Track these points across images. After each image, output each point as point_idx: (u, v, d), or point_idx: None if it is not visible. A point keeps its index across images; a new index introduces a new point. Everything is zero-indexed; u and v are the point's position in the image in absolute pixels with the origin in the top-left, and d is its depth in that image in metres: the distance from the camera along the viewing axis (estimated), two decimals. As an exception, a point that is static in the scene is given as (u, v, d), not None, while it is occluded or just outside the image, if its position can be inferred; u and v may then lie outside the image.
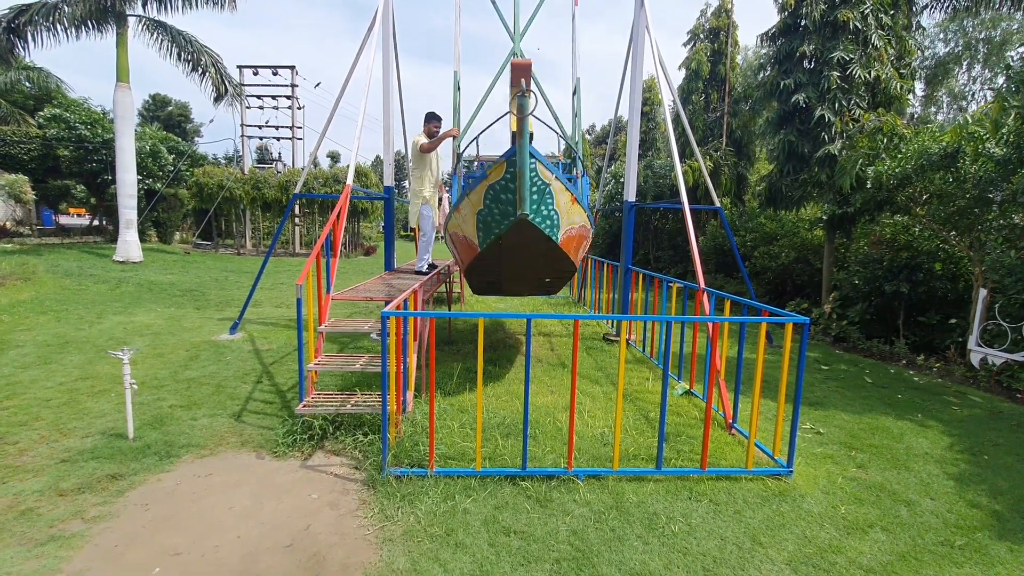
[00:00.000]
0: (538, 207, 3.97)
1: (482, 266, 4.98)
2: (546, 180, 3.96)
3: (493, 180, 3.97)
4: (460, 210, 4.63)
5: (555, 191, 4.06)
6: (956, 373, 6.34)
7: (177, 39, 14.49)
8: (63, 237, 19.08)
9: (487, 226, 4.27)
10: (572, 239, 4.62)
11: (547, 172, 3.95)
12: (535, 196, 3.90)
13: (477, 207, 4.24)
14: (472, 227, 4.47)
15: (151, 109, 39.42)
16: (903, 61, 9.27)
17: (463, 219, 4.61)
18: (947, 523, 3.18)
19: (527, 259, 4.74)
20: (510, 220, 3.96)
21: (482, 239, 4.40)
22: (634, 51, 7.51)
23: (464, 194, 4.48)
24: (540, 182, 3.91)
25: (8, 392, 4.84)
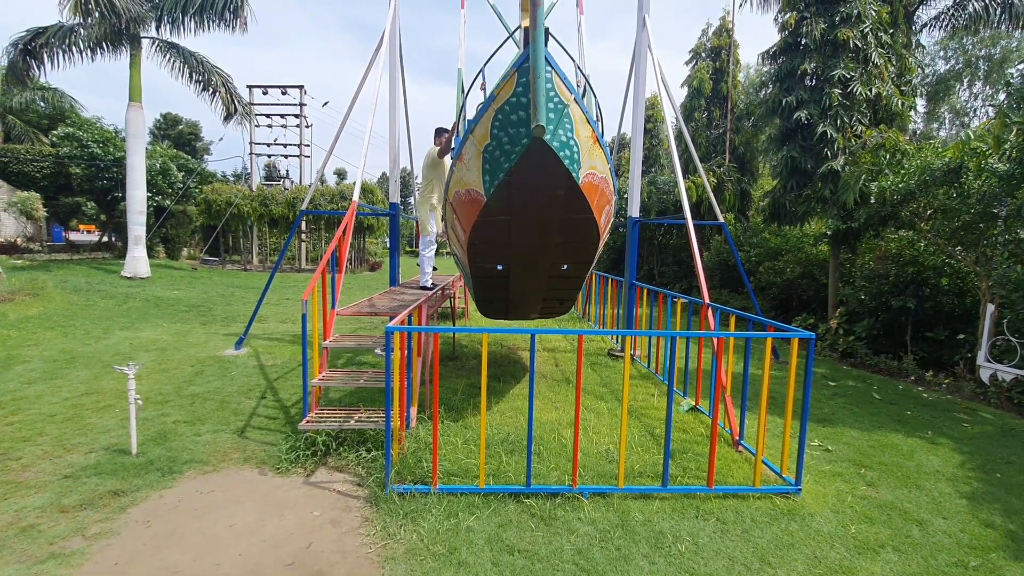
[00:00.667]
0: (555, 128, 3.32)
1: (488, 231, 4.05)
2: (564, 99, 3.33)
3: (502, 100, 3.33)
4: (463, 157, 3.89)
5: (574, 117, 3.42)
6: (966, 389, 6.26)
7: (189, 60, 14.82)
8: (72, 253, 19.30)
9: (495, 163, 3.55)
10: (595, 188, 3.79)
11: (565, 90, 3.32)
12: (552, 114, 3.27)
13: (484, 142, 3.56)
14: (477, 171, 3.70)
15: (162, 128, 40.11)
16: (904, 78, 9.36)
17: (466, 167, 3.86)
18: (960, 543, 3.11)
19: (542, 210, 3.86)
20: (523, 144, 3.33)
21: (489, 183, 3.64)
22: (637, 69, 7.61)
23: (466, 134, 3.79)
24: (557, 99, 3.28)
25: (13, 407, 4.86)
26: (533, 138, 3.18)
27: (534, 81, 2.89)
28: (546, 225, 4.00)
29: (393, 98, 7.65)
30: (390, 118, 7.64)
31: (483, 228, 3.99)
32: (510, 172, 3.48)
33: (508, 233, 4.03)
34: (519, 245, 4.22)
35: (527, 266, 4.58)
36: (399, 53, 7.74)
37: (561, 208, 3.80)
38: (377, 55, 7.01)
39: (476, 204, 3.84)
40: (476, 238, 4.15)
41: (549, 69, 3.16)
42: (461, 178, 3.99)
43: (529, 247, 4.28)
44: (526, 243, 4.21)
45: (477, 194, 3.79)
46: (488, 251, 4.36)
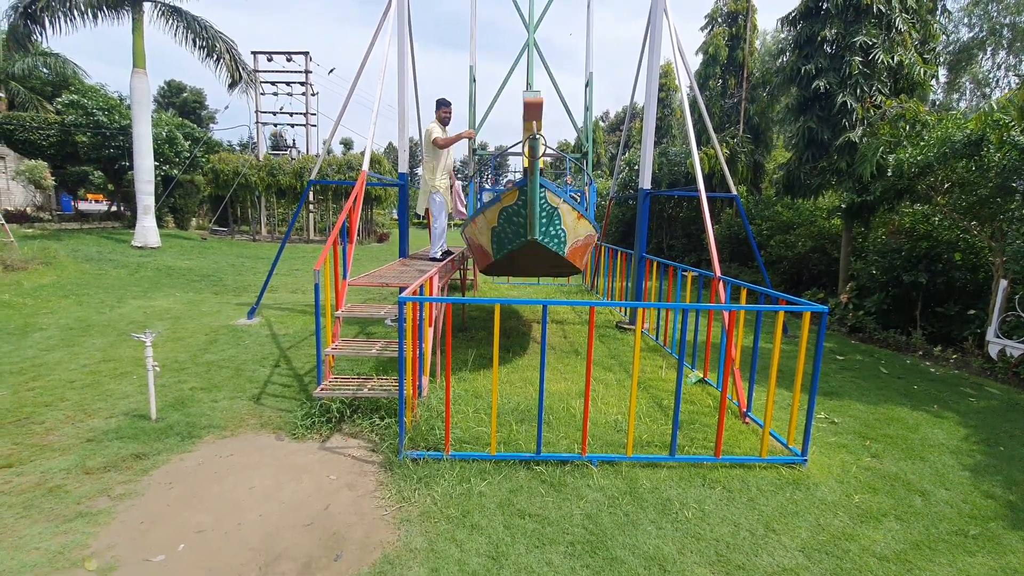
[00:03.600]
0: (546, 229, 4.43)
1: (495, 268, 5.69)
2: (554, 205, 4.40)
3: (506, 204, 4.46)
4: (476, 223, 5.16)
5: (562, 213, 4.51)
6: (973, 364, 6.26)
7: (192, 25, 14.53)
8: (82, 223, 19.40)
9: (500, 241, 4.78)
10: (578, 249, 5.14)
11: (555, 197, 4.39)
12: (544, 220, 4.35)
13: (492, 224, 4.75)
14: (487, 239, 5.00)
15: (167, 95, 39.69)
16: (927, 46, 9.02)
17: (479, 231, 5.15)
18: (961, 513, 3.17)
19: (536, 265, 5.52)
20: (521, 240, 4.46)
21: (496, 250, 4.94)
22: (651, 35, 7.38)
23: (481, 210, 4.98)
24: (548, 207, 4.35)
25: (34, 374, 4.98)
26: (529, 240, 4.33)
27: (530, 208, 4.05)
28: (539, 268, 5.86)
29: (401, 65, 7.49)
30: (398, 86, 7.50)
31: (491, 266, 5.50)
32: (511, 251, 4.71)
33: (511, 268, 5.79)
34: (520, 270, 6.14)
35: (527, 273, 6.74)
36: (407, 18, 7.54)
37: (552, 266, 5.47)
38: (385, 21, 6.83)
39: (486, 256, 5.26)
40: (484, 269, 5.85)
41: (543, 190, 4.17)
42: (476, 234, 5.34)
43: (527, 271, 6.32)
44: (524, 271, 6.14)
45: (487, 251, 5.14)
46: (495, 271, 5.96)
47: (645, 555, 2.68)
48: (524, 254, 4.76)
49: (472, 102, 8.21)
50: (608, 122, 45.80)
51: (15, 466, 3.35)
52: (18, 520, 2.82)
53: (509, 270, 6.09)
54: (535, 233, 4.16)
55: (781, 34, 13.42)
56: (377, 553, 2.65)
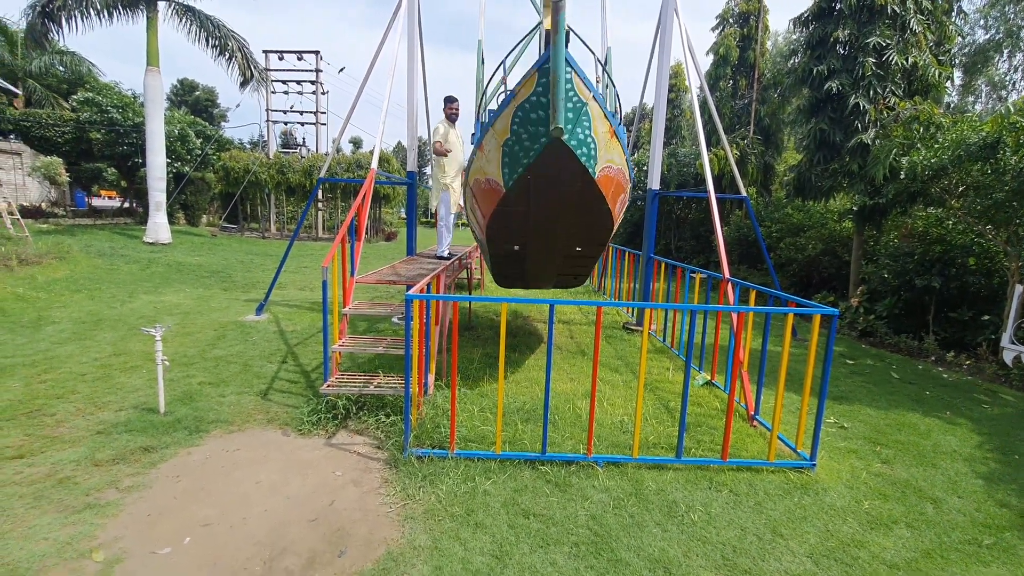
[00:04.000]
0: (574, 127, 3.40)
1: (507, 219, 4.28)
2: (583, 98, 3.39)
3: (522, 98, 3.42)
4: (483, 147, 4.03)
5: (592, 114, 3.49)
6: (987, 371, 6.16)
7: (205, 24, 14.66)
8: (95, 218, 19.62)
9: (514, 157, 3.69)
10: (611, 180, 3.95)
11: (584, 89, 3.37)
12: (570, 113, 3.34)
13: (503, 136, 3.67)
14: (497, 164, 3.85)
15: (179, 94, 40.05)
16: (942, 47, 8.91)
17: (486, 158, 4.02)
18: (975, 522, 3.12)
19: (559, 202, 4.04)
20: (541, 143, 3.45)
21: (508, 175, 3.80)
22: (662, 35, 7.35)
23: (488, 124, 3.89)
24: (576, 98, 3.35)
25: (46, 366, 5.04)
26: (552, 138, 3.30)
27: (554, 84, 2.99)
28: (562, 215, 4.21)
29: (411, 65, 7.51)
30: (408, 85, 7.52)
31: (501, 216, 4.22)
32: (529, 168, 3.62)
33: (525, 220, 4.27)
34: (536, 230, 4.48)
35: (543, 247, 4.85)
36: (418, 18, 7.56)
37: (577, 200, 3.98)
38: (395, 20, 6.85)
39: (495, 193, 4.05)
40: (494, 224, 4.41)
41: (569, 70, 3.20)
42: (481, 167, 4.18)
43: (545, 232, 4.54)
44: (542, 229, 4.48)
45: (496, 184, 3.97)
46: (506, 235, 4.61)
47: (650, 557, 2.66)
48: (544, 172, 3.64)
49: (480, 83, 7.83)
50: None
51: (26, 457, 3.39)
52: (28, 510, 2.85)
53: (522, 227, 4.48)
54: (560, 120, 3.08)
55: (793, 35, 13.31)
56: (381, 550, 2.65)
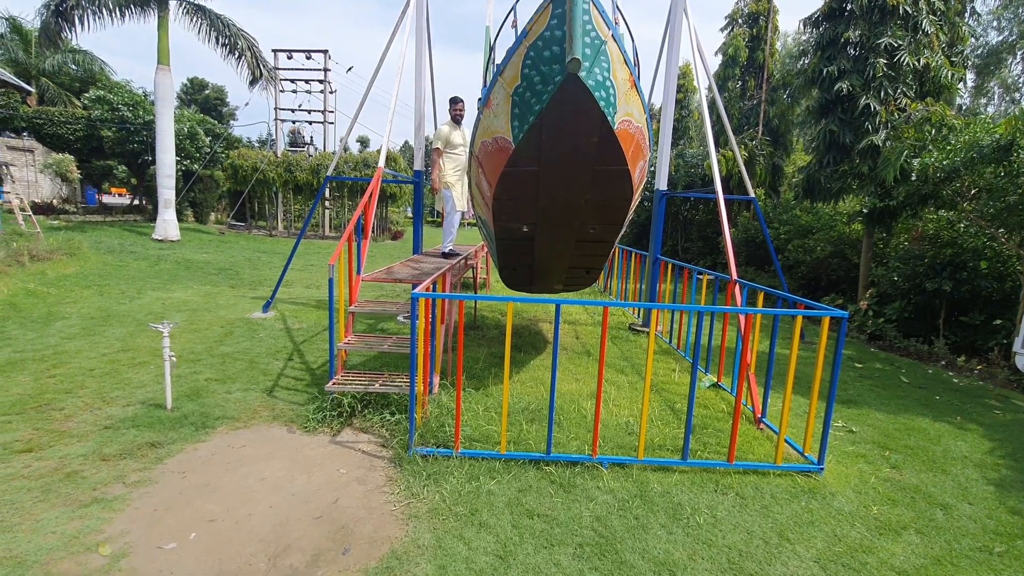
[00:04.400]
0: (592, 64, 2.99)
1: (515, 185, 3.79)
2: (602, 35, 3.00)
3: (535, 35, 3.08)
4: (490, 103, 3.64)
5: (612, 55, 3.10)
6: (999, 376, 6.08)
7: (215, 23, 14.77)
8: (105, 215, 19.81)
9: (525, 105, 3.27)
10: (630, 137, 3.50)
11: (604, 25, 3.00)
12: (588, 48, 2.92)
13: (513, 84, 3.29)
14: (506, 116, 3.43)
15: (189, 92, 40.37)
16: (955, 48, 8.81)
17: (493, 114, 3.61)
18: (986, 529, 3.07)
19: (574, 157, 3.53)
20: (556, 82, 3.04)
21: (518, 128, 3.36)
22: (670, 35, 7.31)
23: (495, 77, 3.53)
24: (595, 33, 2.94)
25: (55, 361, 5.08)
26: (567, 75, 2.91)
27: (571, 9, 2.71)
28: (577, 176, 3.67)
29: (419, 64, 7.52)
30: (416, 85, 7.53)
31: (510, 179, 3.70)
32: (541, 114, 3.19)
33: (536, 186, 3.76)
34: (547, 200, 3.90)
35: (554, 226, 4.27)
36: (426, 18, 7.57)
37: (594, 156, 3.47)
38: (403, 20, 6.86)
39: (504, 152, 3.57)
40: (502, 192, 3.86)
41: (587, 3, 2.86)
42: (488, 126, 3.74)
43: (558, 202, 3.94)
44: (555, 197, 3.89)
45: (505, 141, 3.53)
46: (514, 208, 4.07)
47: (655, 560, 2.64)
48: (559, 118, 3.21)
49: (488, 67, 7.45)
50: (625, 123, 45.46)
51: (35, 451, 3.41)
52: (36, 504, 2.87)
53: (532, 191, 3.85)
54: (576, 51, 2.74)
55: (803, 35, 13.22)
56: (385, 548, 2.65)
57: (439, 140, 6.47)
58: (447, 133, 6.50)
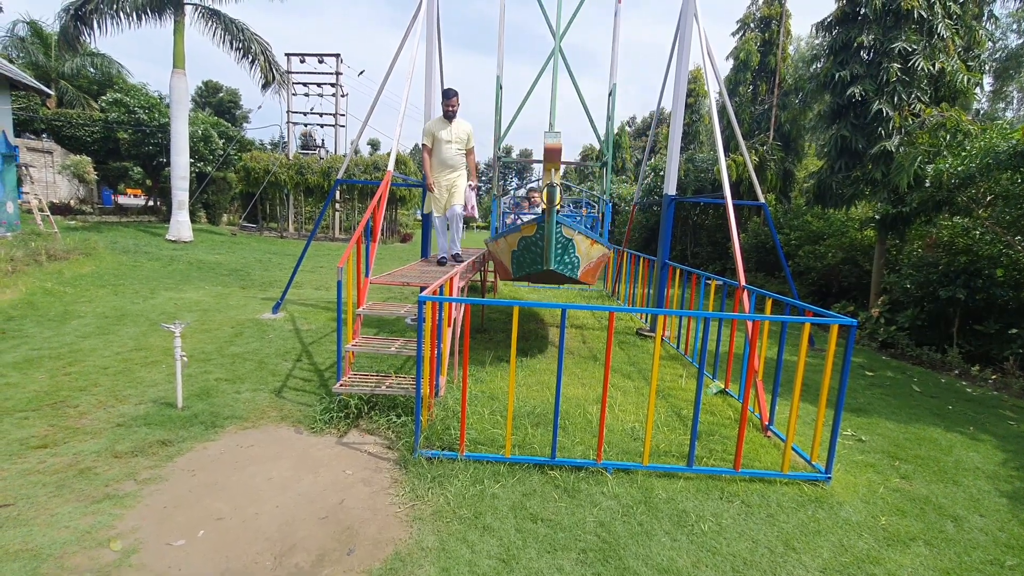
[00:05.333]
0: (561, 258, 5.04)
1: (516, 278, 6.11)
2: (569, 236, 5.02)
3: (525, 234, 5.10)
4: (499, 244, 5.95)
5: (577, 243, 5.13)
6: (1014, 386, 5.98)
7: (230, 27, 14.99)
8: (121, 216, 20.14)
9: (520, 263, 5.43)
10: (591, 270, 5.87)
11: (570, 231, 5.04)
12: (559, 251, 4.95)
13: (512, 247, 5.43)
14: (508, 258, 5.67)
15: (204, 95, 40.96)
16: (971, 52, 8.71)
17: (501, 250, 5.92)
18: (997, 542, 3.03)
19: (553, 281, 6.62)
20: (538, 267, 5.08)
21: (515, 270, 5.58)
22: (681, 39, 7.30)
23: (503, 234, 5.78)
24: (564, 239, 4.97)
25: (70, 359, 5.18)
26: (544, 268, 4.89)
27: (547, 244, 4.54)
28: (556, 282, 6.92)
29: (429, 68, 7.58)
30: (426, 88, 7.59)
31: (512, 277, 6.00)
32: (529, 272, 5.43)
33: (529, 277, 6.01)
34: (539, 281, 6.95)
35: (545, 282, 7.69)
36: (436, 21, 7.63)
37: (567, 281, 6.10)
38: (414, 23, 6.92)
39: (507, 272, 6.01)
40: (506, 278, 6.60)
41: (559, 227, 4.78)
42: (498, 252, 6.21)
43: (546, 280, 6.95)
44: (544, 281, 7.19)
45: (507, 268, 5.85)
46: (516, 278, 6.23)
47: (658, 567, 2.63)
48: (540, 276, 5.64)
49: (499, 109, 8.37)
50: (634, 127, 45.42)
51: (50, 447, 3.48)
52: (51, 499, 2.93)
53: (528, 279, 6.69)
54: (551, 264, 4.69)
55: (815, 40, 13.11)
56: (389, 550, 2.67)
57: (424, 136, 6.27)
58: (433, 128, 6.15)
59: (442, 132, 6.15)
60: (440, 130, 6.15)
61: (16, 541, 2.57)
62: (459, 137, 6.25)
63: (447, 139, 6.18)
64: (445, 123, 6.16)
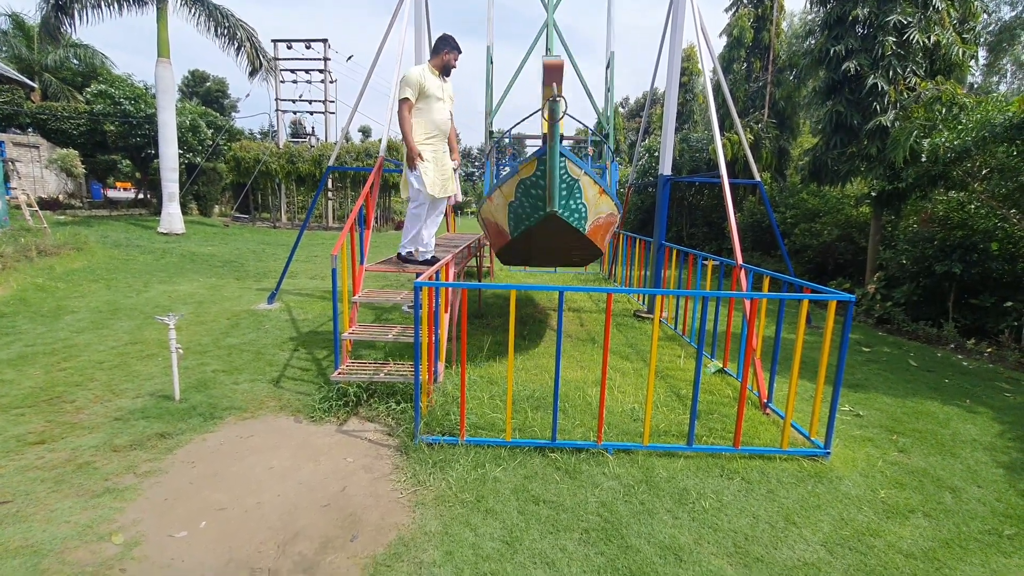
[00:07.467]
0: (567, 202, 4.17)
1: (512, 249, 5.28)
2: (575, 176, 4.13)
3: (524, 176, 4.18)
4: (492, 199, 4.84)
5: (583, 185, 4.23)
6: (1009, 359, 6.03)
7: (213, 13, 14.67)
8: (111, 209, 19.91)
9: (518, 217, 4.49)
10: (599, 227, 4.85)
11: (576, 168, 4.13)
12: (564, 192, 4.07)
13: (508, 199, 4.46)
14: (503, 216, 4.67)
15: (191, 85, 40.29)
16: (966, 25, 8.60)
17: (495, 208, 4.85)
18: (995, 512, 3.06)
19: (555, 244, 5.04)
20: (540, 214, 4.17)
21: (512, 228, 4.62)
22: (673, 17, 7.18)
23: (496, 185, 4.68)
24: (569, 178, 4.09)
25: (65, 354, 5.13)
26: (548, 213, 4.03)
27: (550, 176, 3.70)
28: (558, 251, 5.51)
29: (418, 52, 7.43)
30: (416, 71, 7.43)
31: (508, 249, 5.30)
32: (529, 227, 4.40)
33: (528, 249, 5.34)
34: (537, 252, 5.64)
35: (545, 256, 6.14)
36: (425, 3, 7.47)
37: (571, 245, 5.04)
38: (401, 6, 6.76)
39: (503, 236, 4.91)
40: (502, 251, 5.60)
41: (563, 159, 3.90)
42: (492, 212, 4.99)
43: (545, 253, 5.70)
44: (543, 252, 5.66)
45: (503, 230, 4.81)
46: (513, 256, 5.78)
47: (660, 544, 2.65)
48: (542, 231, 4.44)
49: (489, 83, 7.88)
50: (628, 108, 45.03)
51: (47, 443, 3.46)
52: (50, 494, 2.92)
53: (526, 255, 5.81)
54: (555, 205, 3.88)
55: (809, 15, 12.96)
56: (392, 535, 2.67)
57: (408, 87, 4.61)
58: (423, 80, 4.65)
59: (433, 86, 4.74)
60: (432, 83, 4.73)
61: (16, 538, 2.56)
62: (451, 97, 5.01)
63: (440, 95, 4.82)
64: (438, 76, 4.82)
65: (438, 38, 4.86)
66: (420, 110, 4.77)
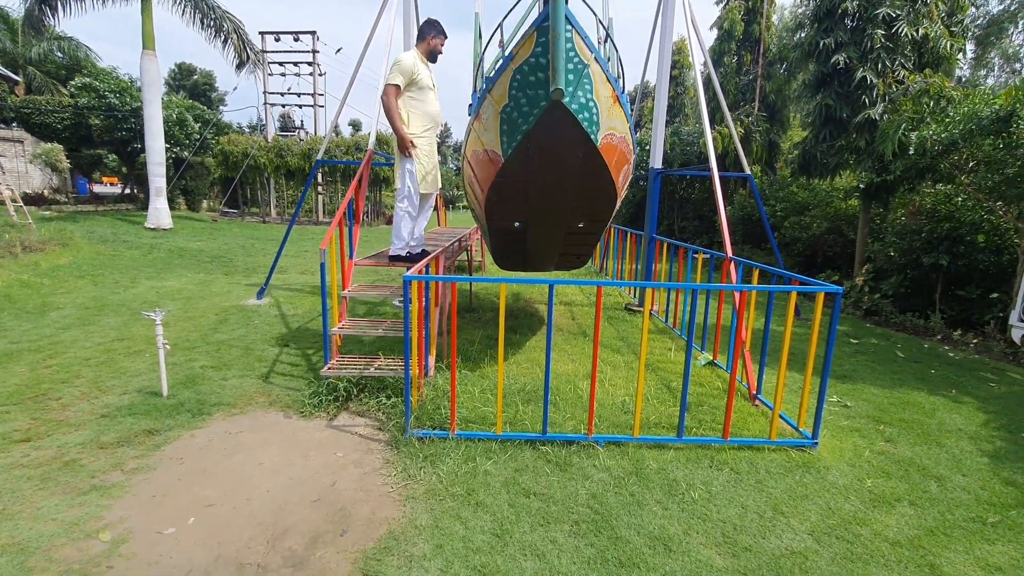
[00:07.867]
0: (575, 89, 3.18)
1: (506, 190, 4.03)
2: (584, 59, 3.16)
3: (520, 60, 3.19)
4: (480, 116, 3.83)
5: (594, 76, 3.26)
6: (995, 349, 6.11)
7: (199, 5, 14.46)
8: (97, 205, 19.62)
9: (513, 123, 3.46)
10: (613, 149, 3.76)
11: (586, 49, 3.14)
12: (571, 75, 3.12)
13: (501, 103, 3.45)
14: (495, 132, 3.62)
15: (177, 78, 39.73)
16: (955, 18, 8.65)
17: (484, 127, 3.79)
18: (979, 500, 3.11)
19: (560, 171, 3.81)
20: (541, 107, 3.22)
21: (507, 144, 3.58)
22: (664, 10, 7.16)
23: (485, 91, 3.66)
24: (577, 59, 3.12)
25: (51, 351, 5.06)
26: (552, 101, 3.09)
27: (553, 43, 2.82)
28: (564, 186, 3.98)
29: (407, 44, 7.36)
30: (406, 64, 7.35)
31: (501, 188, 3.98)
32: (528, 134, 3.41)
33: (526, 193, 4.05)
34: (536, 203, 4.23)
35: (544, 224, 4.57)
36: (414, -7, 7.37)
37: (579, 169, 3.76)
38: (389, -2, 6.68)
39: (494, 164, 3.82)
40: (494, 196, 4.15)
41: (569, 28, 3.00)
42: (479, 137, 3.95)
43: (546, 206, 4.28)
44: (543, 202, 4.22)
45: (495, 154, 3.76)
46: (506, 209, 4.36)
47: (650, 535, 2.66)
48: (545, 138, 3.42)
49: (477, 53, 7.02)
50: (621, 102, 44.88)
51: (33, 440, 3.41)
52: (36, 492, 2.88)
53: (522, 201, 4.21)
54: (560, 82, 2.89)
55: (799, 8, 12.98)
56: (383, 529, 2.67)
57: (399, 74, 4.52)
58: (414, 68, 4.57)
59: (423, 75, 4.66)
60: (424, 72, 4.66)
61: (2, 536, 2.53)
62: (437, 85, 4.84)
63: (430, 85, 4.73)
64: (426, 64, 4.74)
65: (424, 22, 4.76)
66: (416, 101, 4.69)
